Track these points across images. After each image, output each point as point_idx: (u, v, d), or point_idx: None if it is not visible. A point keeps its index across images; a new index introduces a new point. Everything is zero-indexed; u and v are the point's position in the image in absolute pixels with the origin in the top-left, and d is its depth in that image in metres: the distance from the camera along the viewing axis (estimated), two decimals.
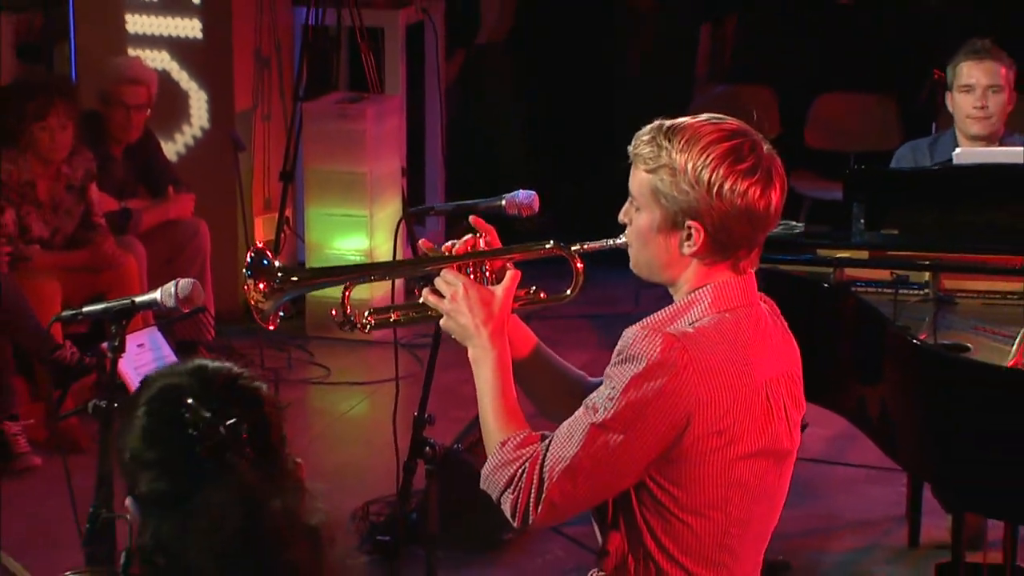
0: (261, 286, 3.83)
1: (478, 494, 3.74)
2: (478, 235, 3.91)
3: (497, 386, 3.69)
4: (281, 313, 3.91)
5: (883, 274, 6.45)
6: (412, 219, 9.15)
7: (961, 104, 7.06)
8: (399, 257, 7.51)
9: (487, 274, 3.85)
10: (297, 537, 2.74)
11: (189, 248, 9.47)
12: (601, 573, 3.69)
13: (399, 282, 8.51)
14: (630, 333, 3.52)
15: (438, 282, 3.80)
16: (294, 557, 2.72)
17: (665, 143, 3.54)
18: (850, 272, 6.46)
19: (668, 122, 3.58)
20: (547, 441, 3.56)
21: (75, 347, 8.46)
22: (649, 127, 3.60)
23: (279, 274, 3.86)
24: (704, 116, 3.61)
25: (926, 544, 7.44)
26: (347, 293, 3.95)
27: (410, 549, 6.88)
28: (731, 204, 3.50)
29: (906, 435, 6.10)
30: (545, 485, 3.50)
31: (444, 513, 5.92)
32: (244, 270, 3.87)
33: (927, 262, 6.47)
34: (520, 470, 3.54)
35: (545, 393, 3.89)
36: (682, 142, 3.52)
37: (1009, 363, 5.67)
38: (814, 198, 10.70)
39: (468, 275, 3.82)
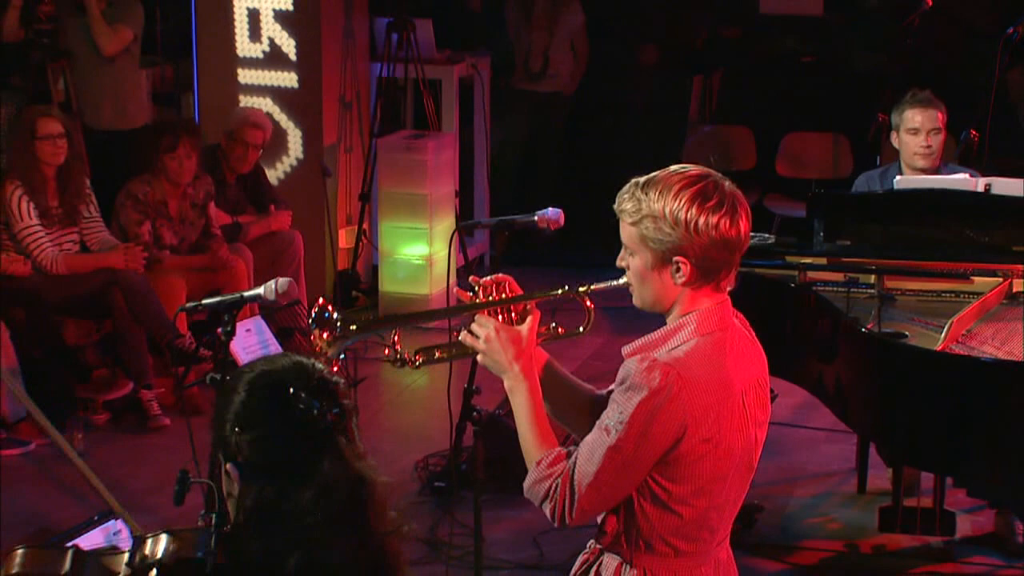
0: (325, 335, 3.75)
1: (514, 449, 3.74)
2: (510, 281, 3.83)
3: (531, 411, 3.67)
4: (342, 356, 3.83)
5: (838, 276, 6.43)
6: (463, 231, 9.14)
7: (908, 143, 7.04)
8: (452, 261, 7.50)
9: (512, 315, 3.80)
10: (383, 506, 2.75)
11: (287, 254, 9.47)
12: (598, 545, 3.69)
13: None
14: (631, 365, 3.48)
15: (473, 326, 3.75)
16: (384, 526, 2.74)
17: (642, 196, 3.50)
18: (812, 274, 6.44)
19: (642, 179, 3.54)
20: (572, 459, 3.54)
21: (193, 338, 8.48)
22: (627, 186, 3.56)
23: (339, 324, 3.76)
24: (671, 168, 3.55)
25: (872, 491, 7.41)
26: (396, 337, 3.89)
27: (461, 493, 6.90)
28: (708, 236, 3.46)
29: (855, 404, 6.08)
30: (576, 496, 3.50)
31: (488, 464, 5.91)
32: (310, 322, 3.80)
33: (873, 267, 6.45)
34: (553, 485, 3.54)
35: (557, 402, 3.80)
36: (656, 192, 3.48)
37: (938, 347, 5.66)
38: (783, 215, 10.67)
39: (497, 318, 3.78)
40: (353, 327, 3.78)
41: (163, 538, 2.75)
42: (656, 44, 12.37)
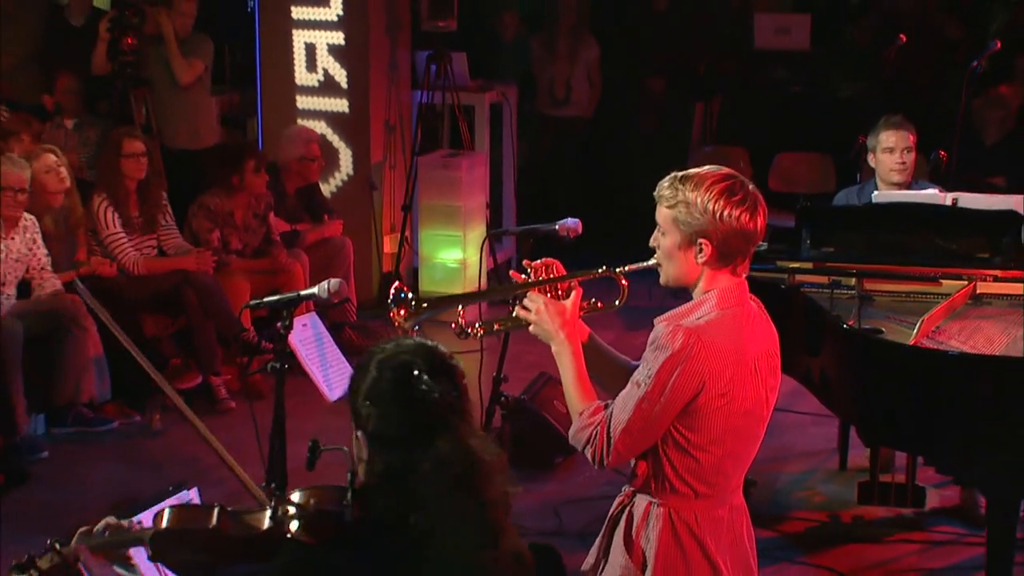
0: (402, 312, 3.90)
1: (536, 430, 3.79)
2: (555, 264, 3.99)
3: (575, 371, 3.82)
4: (416, 327, 3.94)
5: (822, 279, 6.42)
6: (492, 238, 9.15)
7: (884, 161, 7.02)
8: (483, 265, 7.50)
9: (559, 292, 3.92)
10: (492, 477, 2.79)
11: (338, 257, 9.48)
12: (631, 488, 3.82)
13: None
14: (660, 328, 3.66)
15: (526, 301, 3.90)
16: (492, 495, 2.78)
17: (680, 186, 3.66)
18: (800, 277, 6.43)
19: (681, 172, 3.70)
20: (609, 410, 3.69)
21: (256, 331, 8.50)
22: (668, 177, 3.72)
23: (413, 303, 3.92)
24: (706, 167, 3.72)
25: (852, 468, 7.41)
26: (462, 312, 4.04)
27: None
28: (729, 225, 3.62)
29: (838, 391, 6.07)
30: (612, 441, 3.65)
31: (513, 442, 5.90)
32: (388, 301, 3.93)
33: (854, 271, 6.44)
34: (594, 432, 3.69)
35: (598, 369, 3.92)
36: (692, 184, 3.64)
37: (911, 342, 5.64)
38: (774, 225, 10.52)
39: (546, 295, 3.89)
40: (424, 304, 3.95)
41: (303, 493, 2.78)
42: (663, 74, 12.35)
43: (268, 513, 2.81)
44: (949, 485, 7.07)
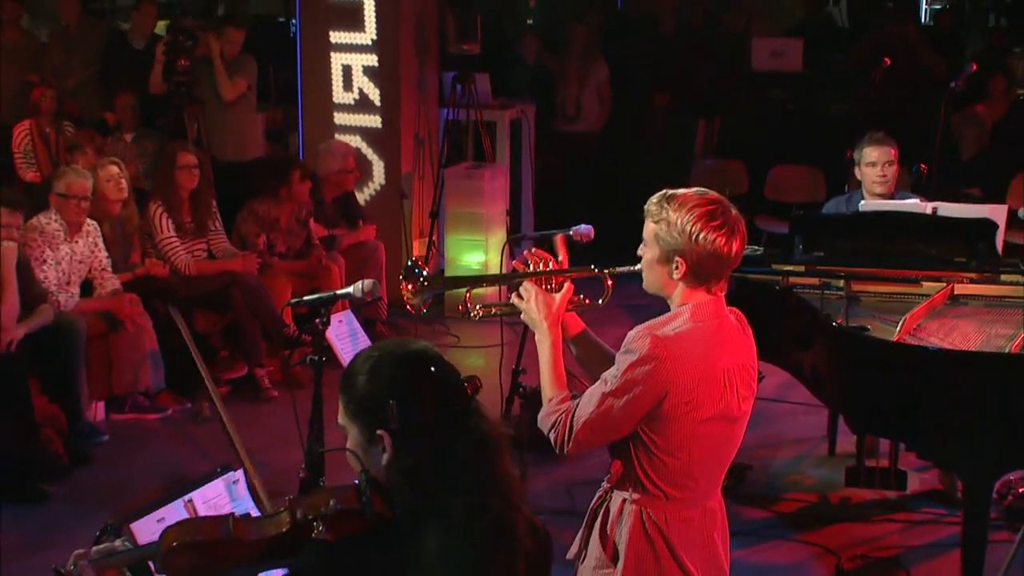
0: (410, 287, 3.88)
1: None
2: (552, 259, 3.96)
3: (551, 360, 3.78)
4: (424, 310, 3.93)
5: (813, 281, 6.40)
6: (512, 242, 9.12)
7: (868, 174, 7.00)
8: (504, 266, 7.51)
9: (552, 286, 3.88)
10: (509, 454, 2.74)
11: (371, 260, 9.49)
12: (608, 484, 3.76)
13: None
14: (632, 333, 3.57)
15: (520, 290, 3.88)
16: (512, 471, 2.73)
17: (666, 204, 3.58)
18: (792, 279, 6.40)
19: (670, 191, 3.62)
20: (576, 401, 3.63)
21: (297, 327, 8.51)
22: (658, 194, 3.64)
23: (421, 280, 3.89)
24: (694, 189, 3.64)
25: (840, 454, 7.38)
26: (467, 295, 4.02)
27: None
28: (704, 248, 3.53)
29: (827, 383, 6.05)
30: (574, 430, 3.60)
31: (531, 429, 5.89)
32: (400, 275, 3.93)
33: (842, 274, 6.41)
34: (558, 419, 3.64)
35: (589, 362, 3.90)
36: (676, 204, 3.56)
37: (894, 339, 5.62)
38: (769, 232, 10.62)
39: (541, 286, 3.87)
40: (430, 283, 3.92)
41: (321, 494, 2.67)
42: (668, 93, 12.34)
43: (287, 516, 2.69)
44: (929, 469, 7.07)
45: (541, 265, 3.93)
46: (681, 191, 3.62)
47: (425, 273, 3.90)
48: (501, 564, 2.66)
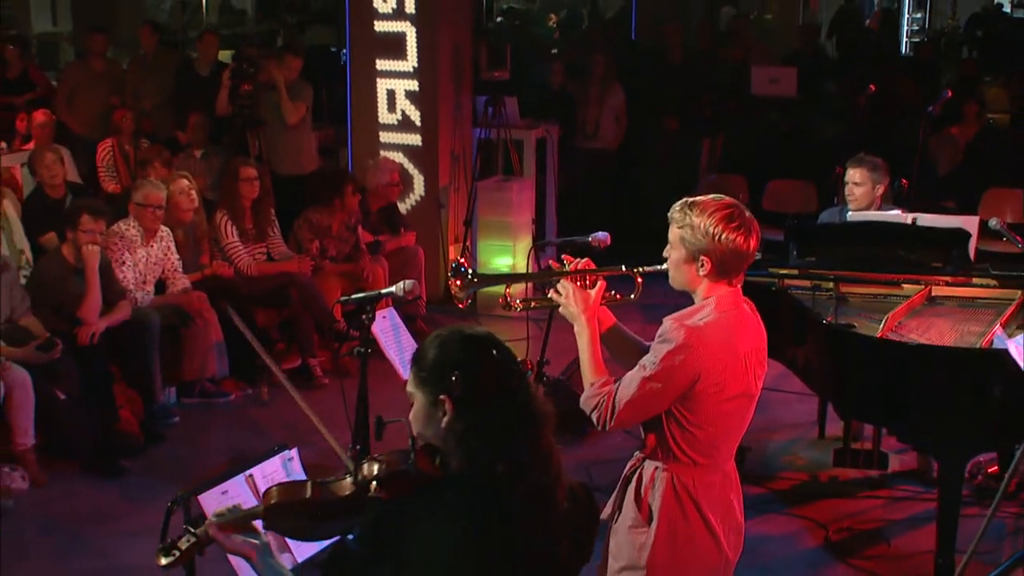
0: (458, 283, 3.88)
1: (573, 405, 3.78)
2: (588, 260, 3.96)
3: (591, 349, 3.79)
4: (469, 302, 3.94)
5: (806, 283, 6.38)
6: (537, 248, 9.13)
7: (845, 191, 6.99)
8: (530, 268, 7.50)
9: (587, 283, 3.88)
10: (552, 426, 2.79)
11: (412, 263, 9.49)
12: (641, 454, 3.80)
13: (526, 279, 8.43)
14: (667, 325, 3.63)
15: (558, 287, 3.88)
16: (549, 441, 2.77)
17: (688, 211, 3.64)
18: (787, 281, 6.39)
19: (691, 199, 3.68)
20: (617, 384, 3.67)
21: (346, 322, 8.52)
22: (680, 202, 3.69)
23: (470, 276, 3.89)
24: (712, 195, 3.70)
25: (829, 437, 7.37)
26: (507, 290, 4.07)
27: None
28: (726, 246, 3.60)
29: (818, 375, 6.04)
30: (616, 410, 3.64)
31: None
32: (448, 272, 3.93)
33: (831, 276, 6.39)
34: (601, 400, 3.67)
35: (619, 351, 3.91)
36: (698, 210, 3.62)
37: (878, 335, 5.60)
38: (767, 239, 10.52)
39: (575, 284, 3.86)
40: (476, 280, 3.93)
41: (376, 460, 2.77)
42: (676, 115, 12.31)
43: (350, 480, 2.80)
44: (908, 452, 7.04)
45: (577, 267, 3.93)
46: (700, 198, 3.68)
47: (471, 271, 3.90)
48: (537, 524, 2.70)
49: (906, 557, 5.99)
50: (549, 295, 3.92)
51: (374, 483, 2.72)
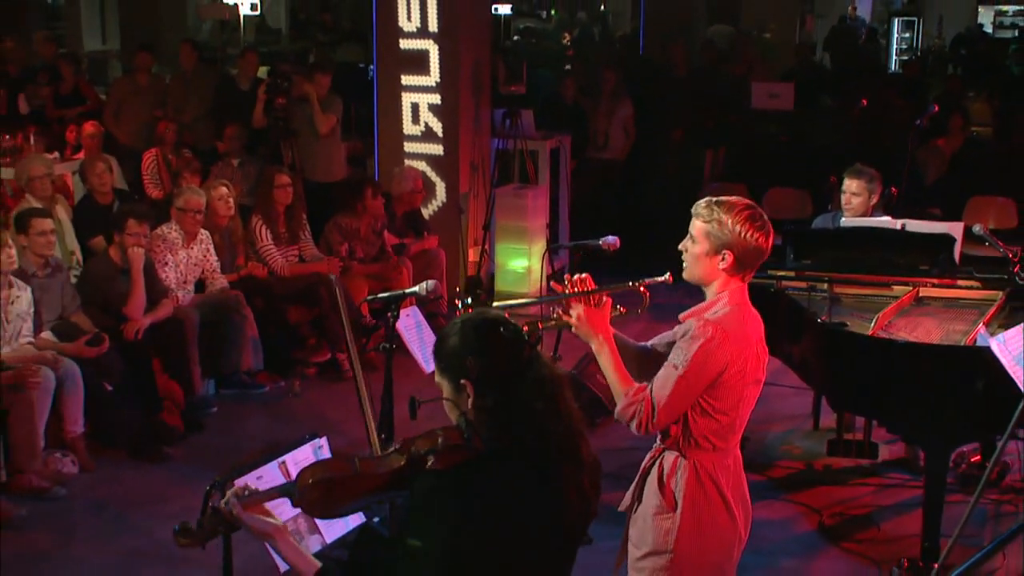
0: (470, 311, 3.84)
1: (585, 397, 3.76)
2: (590, 278, 3.89)
3: (613, 363, 3.75)
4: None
5: (802, 284, 6.37)
6: (551, 251, 9.13)
7: (842, 199, 6.96)
8: (543, 270, 7.47)
9: (592, 301, 3.83)
10: (570, 392, 2.83)
11: (434, 264, 9.49)
12: (661, 445, 3.79)
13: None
14: (691, 323, 3.62)
15: (569, 309, 3.83)
16: (572, 405, 2.82)
17: (716, 208, 3.64)
18: (785, 283, 6.38)
19: (716, 198, 3.68)
20: (650, 387, 3.63)
21: (372, 319, 8.51)
22: (704, 200, 3.70)
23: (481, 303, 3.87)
24: (735, 197, 3.71)
25: (823, 428, 7.34)
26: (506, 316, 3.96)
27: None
28: (748, 243, 3.62)
29: (813, 370, 6.03)
30: (656, 412, 3.61)
31: None
32: (463, 302, 3.84)
33: (826, 278, 6.39)
34: (639, 408, 3.63)
35: (620, 354, 3.84)
36: (725, 208, 3.63)
37: (869, 333, 5.59)
38: None
39: (583, 303, 3.82)
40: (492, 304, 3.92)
41: (431, 434, 2.78)
42: (681, 127, 12.30)
43: (403, 454, 2.81)
44: (896, 442, 7.02)
45: (579, 286, 3.85)
46: (726, 198, 3.68)
47: (478, 302, 3.90)
48: (567, 476, 2.76)
49: (895, 540, 5.97)
50: (561, 317, 3.88)
51: (431, 455, 2.74)
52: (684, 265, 3.75)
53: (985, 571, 5.47)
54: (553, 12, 25.46)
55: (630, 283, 3.88)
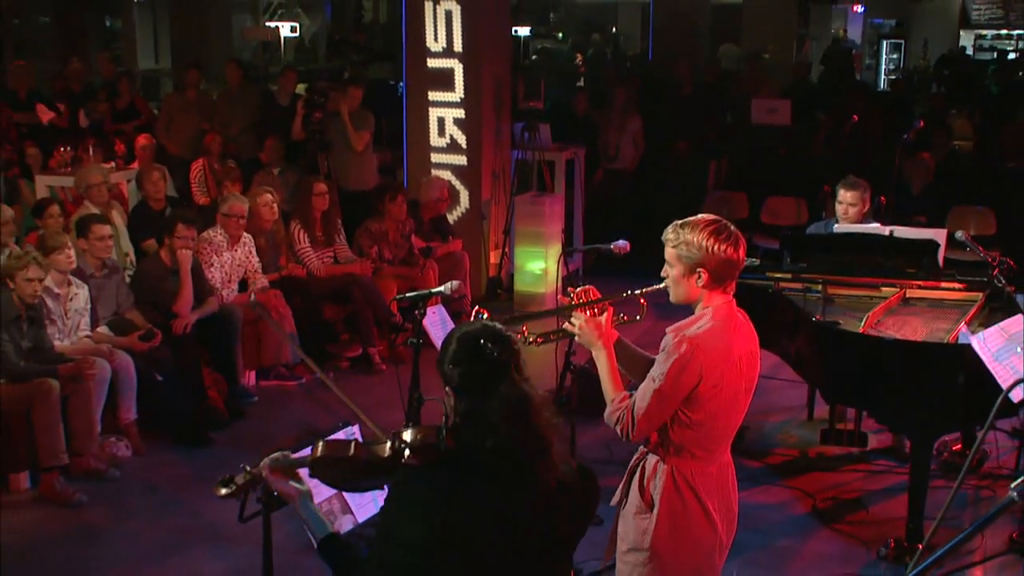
0: None
1: (596, 390, 3.75)
2: (593, 290, 3.88)
3: (609, 370, 3.72)
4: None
5: (798, 285, 6.35)
6: (566, 254, 9.11)
7: (838, 208, 6.92)
8: (559, 272, 7.44)
9: (595, 311, 3.81)
10: (541, 408, 2.78)
11: (458, 266, 9.48)
12: (644, 450, 3.72)
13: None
14: (669, 339, 3.53)
15: (572, 319, 3.81)
16: (541, 421, 2.76)
17: (680, 231, 3.55)
18: (782, 284, 6.36)
19: (680, 221, 3.59)
20: (633, 398, 3.59)
21: (401, 316, 8.52)
22: (672, 225, 3.60)
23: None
24: (699, 216, 3.60)
25: (817, 419, 7.31)
26: (524, 328, 3.89)
27: (561, 418, 6.86)
28: (718, 257, 3.50)
29: (808, 365, 6.00)
30: (635, 421, 3.56)
31: (579, 398, 5.87)
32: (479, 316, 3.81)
33: (820, 280, 6.36)
34: (621, 414, 3.60)
35: (625, 363, 3.82)
36: (689, 229, 3.53)
37: (860, 331, 5.57)
38: (764, 247, 10.50)
39: (586, 313, 3.81)
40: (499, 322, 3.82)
41: (411, 431, 2.79)
42: (687, 140, 12.26)
43: (389, 445, 2.84)
44: (884, 431, 6.99)
45: (583, 297, 3.84)
46: (689, 219, 3.58)
47: (490, 316, 3.81)
48: (521, 493, 2.72)
49: (882, 522, 5.94)
50: (565, 327, 3.85)
51: (407, 451, 2.75)
52: (668, 291, 3.66)
53: (966, 551, 5.45)
54: (561, 35, 25.42)
55: (626, 293, 3.85)
